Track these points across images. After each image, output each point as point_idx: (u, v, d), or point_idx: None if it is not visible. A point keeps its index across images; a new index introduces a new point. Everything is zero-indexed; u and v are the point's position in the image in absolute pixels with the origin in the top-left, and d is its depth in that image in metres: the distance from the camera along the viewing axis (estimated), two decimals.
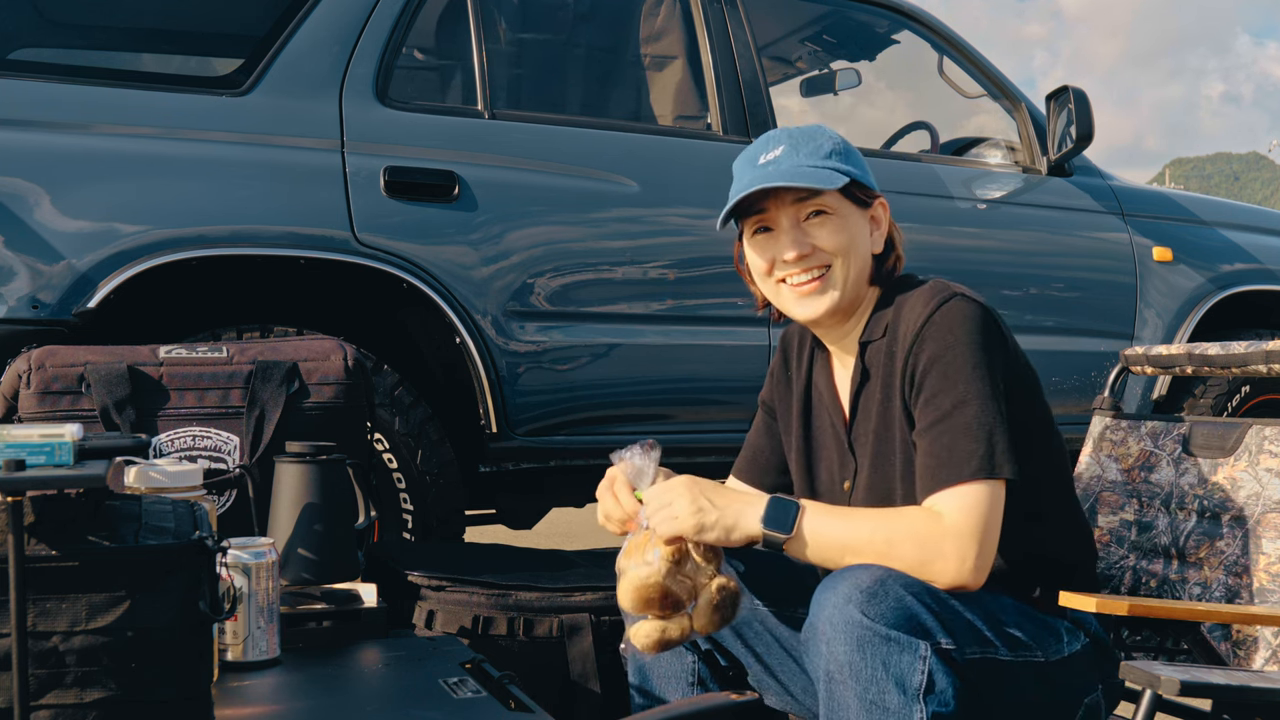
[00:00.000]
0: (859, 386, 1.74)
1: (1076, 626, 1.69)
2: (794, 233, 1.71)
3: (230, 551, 1.80)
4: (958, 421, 1.57)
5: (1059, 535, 1.74)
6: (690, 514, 1.56)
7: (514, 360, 2.93)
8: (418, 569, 2.23)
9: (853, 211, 1.72)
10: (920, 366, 1.62)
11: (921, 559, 1.52)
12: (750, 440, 1.98)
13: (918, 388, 1.63)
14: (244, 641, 1.82)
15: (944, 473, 1.57)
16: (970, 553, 1.52)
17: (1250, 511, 1.92)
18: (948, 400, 1.59)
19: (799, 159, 1.70)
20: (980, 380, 1.58)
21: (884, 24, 3.82)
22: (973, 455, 1.56)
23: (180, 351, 2.38)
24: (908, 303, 1.68)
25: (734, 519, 1.57)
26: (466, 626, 2.15)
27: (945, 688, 1.48)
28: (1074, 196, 3.63)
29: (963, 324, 1.61)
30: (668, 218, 3.17)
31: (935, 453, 1.58)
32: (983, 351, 1.60)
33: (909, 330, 1.65)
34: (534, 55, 3.41)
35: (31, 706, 1.31)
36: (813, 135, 1.73)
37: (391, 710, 1.68)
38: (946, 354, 1.60)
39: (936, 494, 1.57)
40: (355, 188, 2.79)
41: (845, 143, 1.75)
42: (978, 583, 1.54)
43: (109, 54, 3.11)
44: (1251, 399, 3.73)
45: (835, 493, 1.79)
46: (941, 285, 1.67)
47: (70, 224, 2.57)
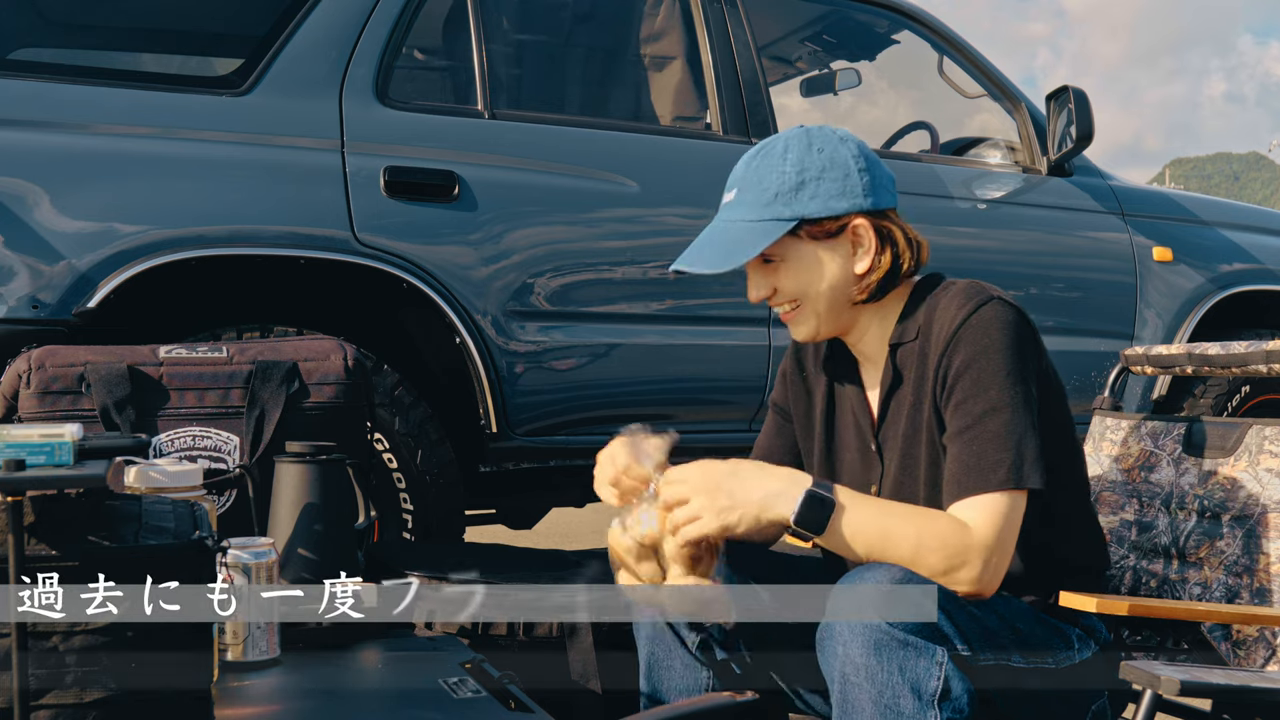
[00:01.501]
0: (890, 389, 1.72)
1: (1088, 634, 1.69)
2: (755, 277, 1.73)
3: (230, 551, 1.80)
4: (988, 429, 1.56)
5: (1076, 540, 1.73)
6: (714, 515, 1.53)
7: (514, 360, 2.93)
8: (418, 569, 2.23)
9: (809, 249, 1.67)
10: (954, 369, 1.60)
11: (946, 566, 1.52)
12: (760, 442, 1.96)
13: (949, 390, 1.61)
14: (244, 641, 1.82)
15: (971, 480, 1.55)
16: (991, 563, 1.52)
17: (1250, 511, 1.92)
18: (979, 406, 1.57)
19: (740, 210, 1.68)
20: (1013, 387, 1.57)
21: (884, 24, 3.82)
22: (1000, 464, 1.54)
23: (180, 351, 2.38)
24: (941, 304, 1.65)
25: (758, 509, 1.53)
26: (466, 627, 2.15)
27: (960, 694, 1.47)
28: (1074, 196, 3.63)
29: (1000, 329, 1.59)
30: (668, 218, 3.17)
31: (964, 459, 1.57)
32: (1018, 358, 1.58)
33: (944, 332, 1.62)
34: (534, 55, 3.41)
35: (31, 706, 1.31)
36: (763, 174, 1.67)
37: (391, 710, 1.68)
38: (981, 358, 1.58)
39: (963, 501, 1.55)
40: (355, 188, 2.79)
41: (817, 162, 1.65)
42: (990, 592, 1.54)
43: (109, 54, 3.12)
44: (1251, 399, 3.73)
45: None
46: (979, 288, 1.64)
47: (70, 224, 2.57)
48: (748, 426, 3.25)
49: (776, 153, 1.68)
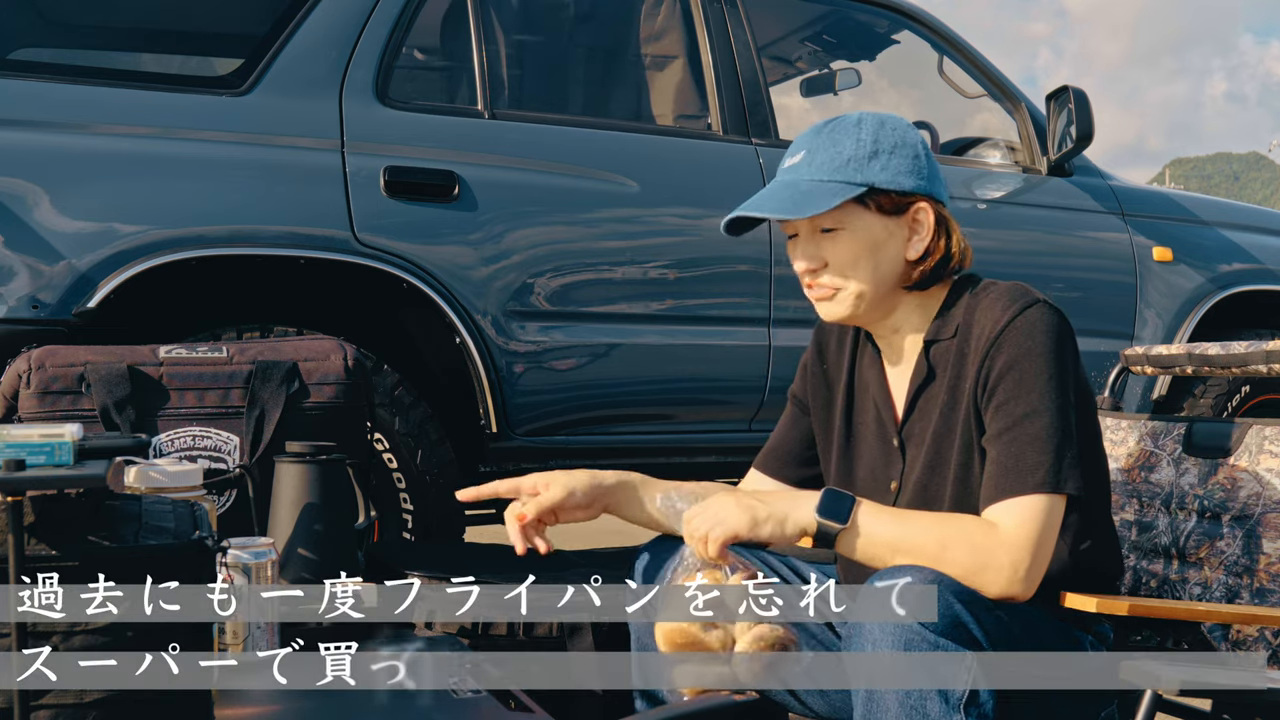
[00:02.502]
0: (920, 385, 1.70)
1: (1100, 641, 1.69)
2: (807, 245, 1.69)
3: (230, 551, 1.80)
4: (1028, 431, 1.55)
5: (1098, 548, 1.72)
6: (740, 512, 1.54)
7: (514, 360, 2.93)
8: (418, 569, 2.23)
9: (874, 222, 1.66)
10: (996, 370, 1.59)
11: (974, 566, 1.50)
12: (775, 432, 1.94)
13: (990, 391, 1.59)
14: (244, 641, 1.82)
15: (1008, 482, 1.54)
16: (1023, 565, 1.50)
17: (1250, 511, 1.92)
18: (1020, 408, 1.56)
19: (810, 170, 1.66)
20: (1055, 391, 1.56)
21: (884, 24, 3.82)
22: (1039, 467, 1.53)
23: (180, 351, 2.38)
24: (983, 304, 1.64)
25: (785, 511, 1.55)
26: (466, 626, 2.15)
27: (986, 700, 1.46)
28: (1074, 196, 3.63)
29: (1045, 332, 1.58)
30: (668, 218, 3.17)
31: (1002, 461, 1.56)
32: (1059, 362, 1.57)
33: (987, 332, 1.61)
34: (534, 55, 3.41)
35: (31, 706, 1.31)
36: (838, 138, 1.67)
37: (392, 710, 1.67)
38: (1024, 360, 1.57)
39: (999, 503, 1.54)
40: (355, 188, 2.79)
41: (890, 138, 1.66)
42: (1027, 595, 1.52)
43: (109, 54, 3.12)
44: (1251, 399, 3.73)
45: (879, 491, 1.74)
46: (1023, 290, 1.63)
47: (70, 224, 2.57)
48: (748, 426, 3.24)
49: (850, 123, 1.68)
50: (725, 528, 1.55)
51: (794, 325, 3.16)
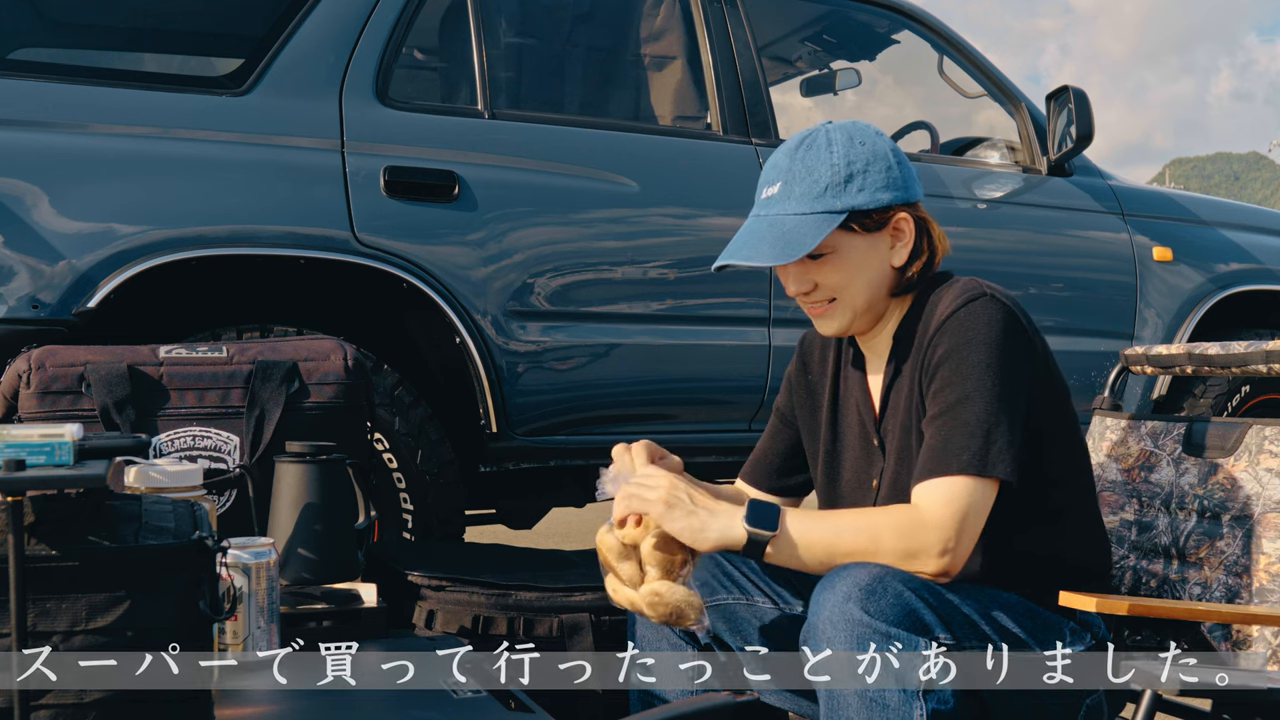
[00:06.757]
0: (890, 381, 1.74)
1: (1083, 628, 1.69)
2: (797, 271, 1.71)
3: (230, 551, 1.80)
4: (960, 416, 1.58)
5: (1076, 539, 1.73)
6: (660, 495, 1.56)
7: (514, 360, 2.93)
8: (418, 569, 2.23)
9: (857, 242, 1.69)
10: (935, 359, 1.62)
11: (906, 551, 1.53)
12: (759, 444, 1.98)
13: (930, 379, 1.63)
14: (244, 641, 1.82)
15: (934, 464, 1.57)
16: (949, 543, 1.53)
17: (1250, 511, 1.92)
18: (953, 395, 1.59)
19: (789, 204, 1.68)
20: (990, 379, 1.58)
21: (884, 24, 3.82)
22: (964, 450, 1.56)
23: (180, 351, 2.38)
24: (937, 298, 1.68)
25: (706, 519, 1.56)
26: (466, 626, 2.15)
27: (945, 684, 1.48)
28: (1074, 196, 3.63)
29: (987, 323, 1.60)
30: (668, 218, 3.17)
31: (931, 445, 1.59)
32: (998, 352, 1.59)
33: (933, 323, 1.65)
34: (534, 55, 3.41)
35: (31, 706, 1.31)
36: (812, 165, 1.68)
37: (392, 710, 1.67)
38: (961, 349, 1.60)
39: (922, 484, 1.58)
40: (355, 187, 2.79)
41: (862, 155, 1.68)
42: (955, 571, 1.55)
43: (109, 54, 3.11)
44: (1251, 399, 3.73)
45: (863, 491, 1.78)
46: (974, 284, 1.66)
47: (70, 224, 2.57)
48: (748, 426, 3.25)
49: (820, 145, 1.69)
50: (640, 503, 1.58)
51: (794, 325, 3.16)
